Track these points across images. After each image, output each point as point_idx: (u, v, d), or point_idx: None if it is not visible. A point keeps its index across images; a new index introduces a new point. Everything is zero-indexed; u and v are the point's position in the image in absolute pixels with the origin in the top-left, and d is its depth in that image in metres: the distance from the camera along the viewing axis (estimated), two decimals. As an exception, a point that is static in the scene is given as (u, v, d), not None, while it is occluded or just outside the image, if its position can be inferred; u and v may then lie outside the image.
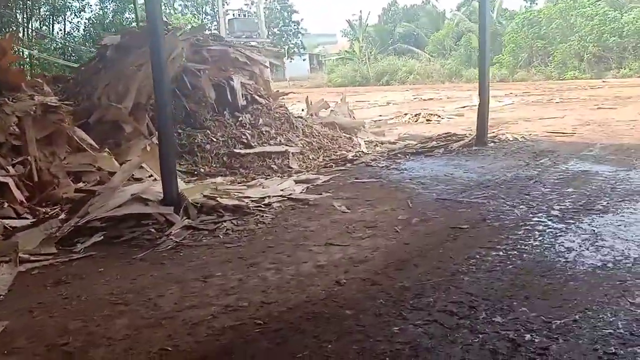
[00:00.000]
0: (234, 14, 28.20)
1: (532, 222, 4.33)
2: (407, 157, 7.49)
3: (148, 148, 6.53)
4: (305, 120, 8.43)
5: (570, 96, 16.45)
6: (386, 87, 33.94)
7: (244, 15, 28.12)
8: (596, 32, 29.49)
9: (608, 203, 4.72)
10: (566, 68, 30.40)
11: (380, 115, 13.36)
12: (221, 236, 4.44)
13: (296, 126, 7.92)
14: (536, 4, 39.13)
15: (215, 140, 7.16)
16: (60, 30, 30.40)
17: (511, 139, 8.34)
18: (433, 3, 44.98)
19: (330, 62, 50.91)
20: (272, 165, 6.97)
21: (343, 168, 7.03)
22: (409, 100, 19.12)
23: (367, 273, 3.49)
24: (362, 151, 7.98)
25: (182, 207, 4.86)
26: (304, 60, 59.31)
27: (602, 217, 4.35)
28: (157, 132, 5.08)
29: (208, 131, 7.25)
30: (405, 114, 12.55)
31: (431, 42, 40.44)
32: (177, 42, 7.12)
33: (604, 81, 24.63)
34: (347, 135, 8.63)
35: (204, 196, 5.32)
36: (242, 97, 7.87)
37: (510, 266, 3.46)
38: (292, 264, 3.73)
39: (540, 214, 4.54)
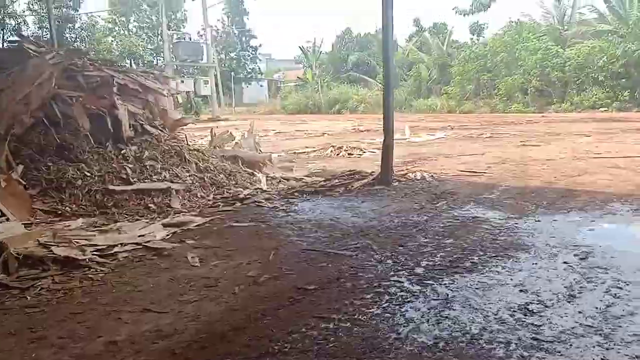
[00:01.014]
0: (179, 38, 27.70)
1: (388, 283, 3.85)
2: (304, 196, 7.00)
3: (3, 184, 5.85)
4: (203, 154, 7.84)
5: (501, 131, 16.45)
6: (334, 115, 33.82)
7: (189, 39, 27.65)
8: (539, 66, 30.21)
9: (480, 259, 4.30)
10: (511, 101, 30.96)
11: (307, 147, 12.91)
12: (29, 297, 3.77)
13: (188, 160, 7.32)
14: (483, 37, 40.03)
15: (89, 175, 6.48)
16: (-5, 48, 29.15)
17: (419, 177, 7.97)
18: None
19: (287, 89, 50.85)
20: (150, 205, 6.34)
21: (230, 208, 6.47)
22: (347, 131, 18.81)
23: (162, 354, 2.90)
24: (261, 188, 7.45)
25: (0, 259, 4.19)
26: (261, 86, 59.22)
27: (464, 277, 3.91)
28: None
29: (83, 165, 6.57)
30: (330, 147, 12.14)
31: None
32: (46, 66, 6.48)
33: (543, 115, 25.08)
34: (249, 171, 8.08)
35: (40, 244, 4.67)
36: (130, 127, 7.26)
37: (332, 345, 2.94)
38: (85, 339, 3.11)
39: (402, 272, 4.07)
